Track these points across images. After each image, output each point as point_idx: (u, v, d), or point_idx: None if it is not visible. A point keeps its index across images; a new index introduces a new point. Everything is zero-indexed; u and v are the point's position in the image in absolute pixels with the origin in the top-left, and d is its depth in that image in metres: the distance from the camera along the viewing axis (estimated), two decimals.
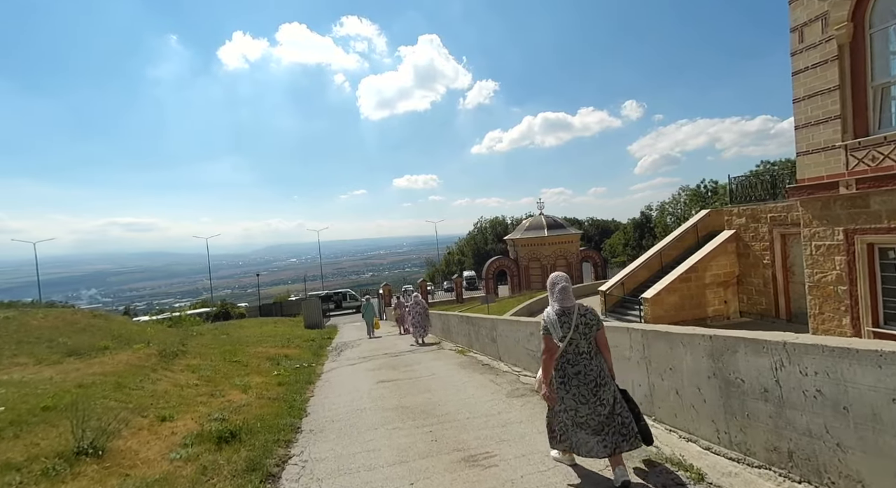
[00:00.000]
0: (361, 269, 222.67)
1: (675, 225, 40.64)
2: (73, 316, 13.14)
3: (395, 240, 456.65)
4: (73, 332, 11.85)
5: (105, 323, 13.80)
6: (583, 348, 2.93)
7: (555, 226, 32.66)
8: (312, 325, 23.24)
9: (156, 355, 8.31)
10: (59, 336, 11.10)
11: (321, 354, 11.90)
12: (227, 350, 11.22)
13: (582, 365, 2.90)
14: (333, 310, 36.09)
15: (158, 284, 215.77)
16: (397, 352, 10.92)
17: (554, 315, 2.95)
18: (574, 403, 2.90)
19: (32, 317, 11.76)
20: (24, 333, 10.47)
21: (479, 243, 66.78)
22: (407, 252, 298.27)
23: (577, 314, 2.94)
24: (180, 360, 8.57)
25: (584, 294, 20.65)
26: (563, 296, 2.98)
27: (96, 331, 12.64)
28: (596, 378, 2.90)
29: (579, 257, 33.19)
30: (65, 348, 9.92)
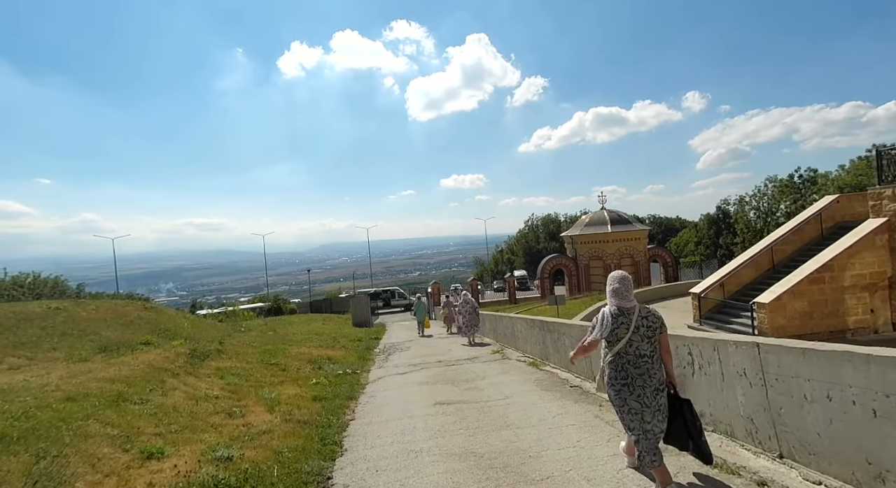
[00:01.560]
0: (409, 268, 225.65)
1: (759, 220, 35.70)
2: (124, 308, 12.94)
3: (442, 239, 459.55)
4: (119, 325, 11.49)
5: (155, 316, 13.52)
6: (644, 350, 2.82)
7: (619, 221, 29.61)
8: (360, 324, 22.39)
9: (185, 355, 7.36)
10: (104, 329, 10.71)
11: (367, 357, 10.63)
12: (268, 349, 10.26)
13: (645, 367, 2.81)
14: (382, 308, 35.49)
15: (225, 280, 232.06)
16: (453, 359, 9.36)
17: (610, 314, 2.87)
18: (639, 406, 2.79)
19: (83, 309, 11.56)
20: (70, 325, 10.13)
21: (531, 241, 63.94)
22: (453, 251, 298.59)
23: (639, 315, 2.85)
24: (211, 362, 7.58)
25: (654, 298, 17.88)
26: (622, 295, 2.89)
27: (143, 324, 12.28)
28: (658, 383, 2.81)
29: (647, 256, 29.88)
30: (102, 343, 9.37)
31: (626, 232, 29.02)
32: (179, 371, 6.32)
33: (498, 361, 8.53)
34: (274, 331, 15.78)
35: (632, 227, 29.44)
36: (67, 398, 4.18)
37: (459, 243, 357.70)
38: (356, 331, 19.12)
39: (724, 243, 37.64)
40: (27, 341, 8.46)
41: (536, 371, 7.10)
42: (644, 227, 30.37)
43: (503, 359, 8.66)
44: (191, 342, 9.44)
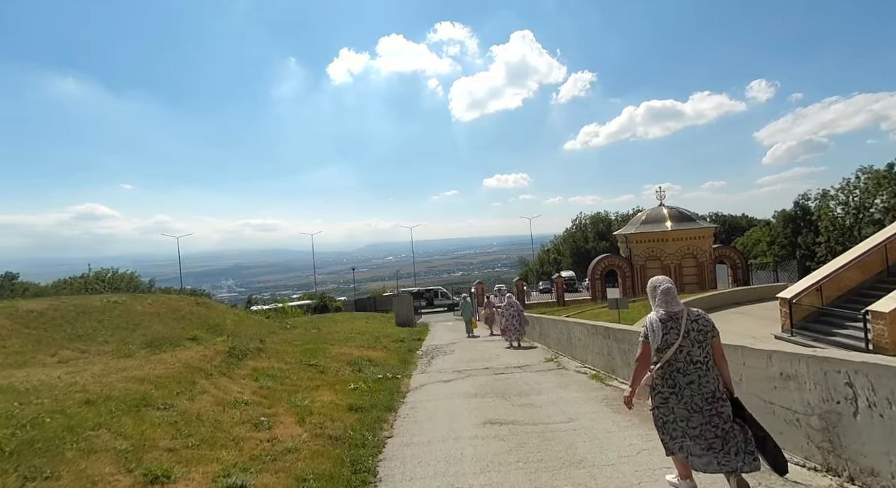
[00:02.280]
0: (452, 268, 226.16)
1: (849, 217, 31.40)
2: (177, 303, 13.31)
3: (485, 239, 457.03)
4: (171, 320, 11.74)
5: (205, 311, 13.82)
6: (696, 356, 2.64)
7: (681, 218, 27.14)
8: (403, 323, 22.06)
9: (224, 354, 7.11)
10: (156, 323, 10.94)
11: (409, 360, 10.05)
12: (309, 349, 9.96)
13: (696, 374, 2.63)
14: (425, 307, 35.18)
15: (279, 277, 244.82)
16: (501, 366, 8.53)
17: (658, 320, 2.70)
18: (686, 413, 2.61)
19: (140, 303, 11.95)
20: (125, 319, 10.41)
21: (579, 241, 61.20)
22: (496, 251, 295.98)
23: (688, 319, 2.67)
24: (249, 361, 7.28)
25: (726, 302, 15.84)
26: (667, 299, 2.75)
27: (194, 319, 12.51)
28: (714, 390, 2.61)
29: (712, 257, 27.18)
30: (151, 337, 9.47)
31: (688, 230, 26.55)
32: (214, 371, 6.01)
33: (553, 371, 7.59)
34: (318, 329, 15.72)
35: (695, 225, 26.90)
36: (87, 401, 3.85)
37: (503, 243, 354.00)
38: (399, 330, 18.75)
39: (805, 243, 33.56)
40: (83, 334, 8.68)
41: (602, 386, 6.11)
42: (709, 225, 27.72)
43: (559, 370, 7.70)
44: (233, 339, 9.33)
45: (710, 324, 2.71)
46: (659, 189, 28.85)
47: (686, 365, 2.63)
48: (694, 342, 2.64)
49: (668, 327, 2.66)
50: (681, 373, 2.63)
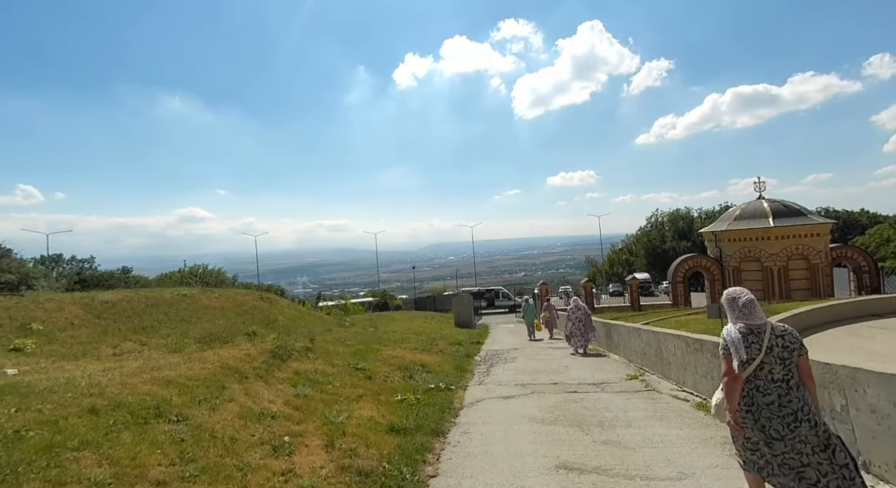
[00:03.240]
0: (514, 268, 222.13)
1: None
2: (243, 298, 13.64)
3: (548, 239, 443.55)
4: (235, 314, 11.93)
5: (268, 306, 14.03)
6: (778, 375, 2.45)
7: (787, 212, 23.08)
8: (462, 324, 21.18)
9: (268, 353, 6.67)
10: (220, 317, 11.11)
11: (466, 368, 9.07)
12: (360, 350, 9.41)
13: (776, 394, 2.42)
14: (485, 308, 34.08)
15: (348, 275, 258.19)
16: (572, 381, 7.22)
17: (737, 333, 2.52)
18: (764, 437, 2.41)
19: (207, 297, 12.32)
20: (191, 312, 10.68)
21: (655, 240, 56.04)
22: (561, 252, 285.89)
23: (772, 334, 2.49)
24: (294, 362, 6.78)
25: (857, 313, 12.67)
26: (749, 311, 2.56)
27: (256, 314, 12.67)
28: (796, 411, 2.38)
29: (829, 258, 22.79)
30: (211, 331, 9.50)
31: (797, 226, 22.50)
32: (251, 373, 5.52)
33: (641, 394, 6.16)
34: (375, 328, 15.37)
35: (806, 220, 22.73)
36: (91, 409, 3.38)
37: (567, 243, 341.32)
38: (457, 332, 17.88)
39: None
40: (148, 326, 8.89)
41: (714, 421, 4.63)
42: (824, 221, 23.28)
43: (648, 392, 6.24)
44: (284, 336, 9.05)
45: (798, 341, 2.53)
46: (757, 179, 24.89)
47: (767, 383, 2.47)
48: (777, 359, 2.47)
49: (749, 341, 2.49)
50: (760, 392, 2.47)
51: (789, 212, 23.18)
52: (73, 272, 41.32)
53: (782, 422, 2.39)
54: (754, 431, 2.45)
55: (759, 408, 2.45)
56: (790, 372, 2.46)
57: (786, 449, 2.38)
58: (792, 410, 2.39)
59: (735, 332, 2.53)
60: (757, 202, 24.39)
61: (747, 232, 23.45)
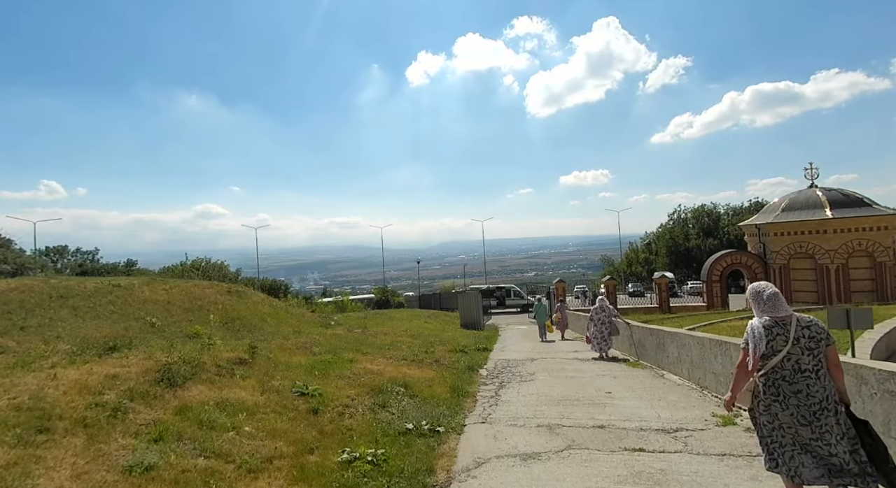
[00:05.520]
0: (525, 268, 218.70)
1: None
2: (202, 291, 11.35)
3: (560, 239, 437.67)
4: (182, 311, 9.60)
5: (234, 301, 11.71)
6: (805, 365, 2.51)
7: (847, 202, 19.95)
8: (469, 325, 18.67)
9: (155, 372, 4.27)
10: (156, 314, 8.74)
11: (467, 390, 6.55)
12: (325, 361, 6.99)
13: (803, 383, 2.49)
14: (496, 307, 31.49)
15: (359, 272, 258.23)
16: (629, 421, 4.66)
17: (761, 327, 2.57)
18: (793, 422, 2.46)
19: (151, 289, 10.04)
20: (113, 308, 8.35)
21: (678, 238, 52.59)
22: (573, 252, 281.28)
23: (798, 326, 2.54)
24: (194, 388, 4.37)
25: None
26: (775, 304, 2.61)
27: (214, 310, 10.30)
28: (821, 400, 2.45)
29: (895, 256, 19.63)
30: (118, 333, 7.15)
31: (861, 218, 19.38)
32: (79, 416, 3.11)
33: (713, 435, 3.57)
34: (363, 329, 12.96)
35: (871, 212, 19.58)
36: None
37: (580, 243, 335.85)
38: (462, 334, 15.36)
39: None
40: (31, 325, 6.55)
41: None
42: (890, 212, 20.08)
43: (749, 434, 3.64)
44: (235, 338, 6.68)
45: (825, 332, 2.57)
46: (810, 165, 21.80)
47: (793, 373, 2.51)
48: (804, 349, 2.52)
49: (775, 333, 2.55)
50: (786, 382, 2.52)
51: (850, 202, 20.05)
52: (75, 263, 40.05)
53: (808, 410, 2.44)
54: (782, 417, 2.49)
55: (786, 397, 2.49)
56: (819, 363, 2.50)
57: (812, 435, 2.43)
58: (817, 400, 2.44)
59: (759, 327, 2.57)
60: (809, 191, 21.31)
61: (799, 224, 20.41)
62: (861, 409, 3.24)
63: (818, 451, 2.43)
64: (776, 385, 2.53)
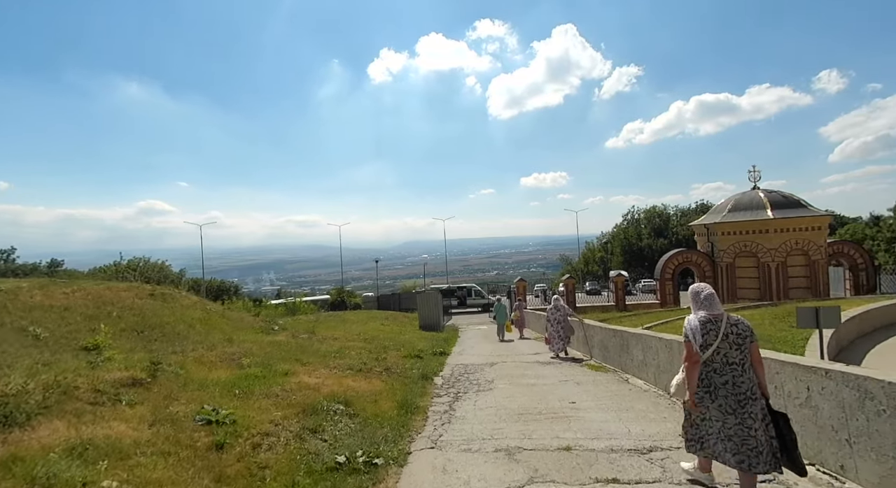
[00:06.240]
0: (487, 267, 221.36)
1: None
2: (116, 294, 9.81)
3: (521, 239, 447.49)
4: (83, 318, 8.11)
5: (158, 306, 10.22)
6: (733, 358, 2.81)
7: (786, 203, 21.08)
8: (428, 326, 17.92)
9: None
10: (45, 323, 7.34)
11: (417, 404, 5.77)
12: (251, 376, 5.98)
13: (730, 375, 2.79)
14: (456, 306, 30.97)
15: (318, 272, 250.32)
16: (598, 440, 4.10)
17: (697, 322, 2.89)
18: (720, 414, 2.80)
19: (45, 293, 8.46)
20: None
21: (631, 238, 54.64)
22: (533, 251, 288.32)
23: (728, 323, 2.86)
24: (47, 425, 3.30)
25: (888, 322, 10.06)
26: (709, 303, 2.93)
27: (127, 317, 8.85)
28: (746, 391, 2.76)
29: (827, 254, 21.00)
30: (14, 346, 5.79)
31: (798, 219, 20.52)
32: None
33: None
34: (311, 334, 11.85)
35: (807, 213, 20.78)
36: None
37: (540, 243, 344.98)
38: (420, 337, 14.60)
39: None
40: None
41: None
42: (825, 213, 21.46)
43: None
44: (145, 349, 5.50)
45: (750, 330, 2.85)
46: (753, 168, 22.87)
47: (723, 366, 2.78)
48: (732, 345, 2.79)
49: (708, 328, 2.81)
50: (717, 374, 2.79)
51: (788, 204, 21.21)
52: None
53: (735, 400, 2.73)
54: (711, 409, 2.79)
55: (716, 388, 2.78)
56: (745, 357, 2.79)
57: (736, 422, 2.72)
58: (743, 390, 2.73)
59: (695, 321, 2.86)
60: (752, 192, 22.36)
61: (743, 224, 21.34)
62: (865, 428, 2.79)
63: (740, 436, 2.70)
64: (708, 377, 2.81)
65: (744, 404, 2.70)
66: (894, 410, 2.56)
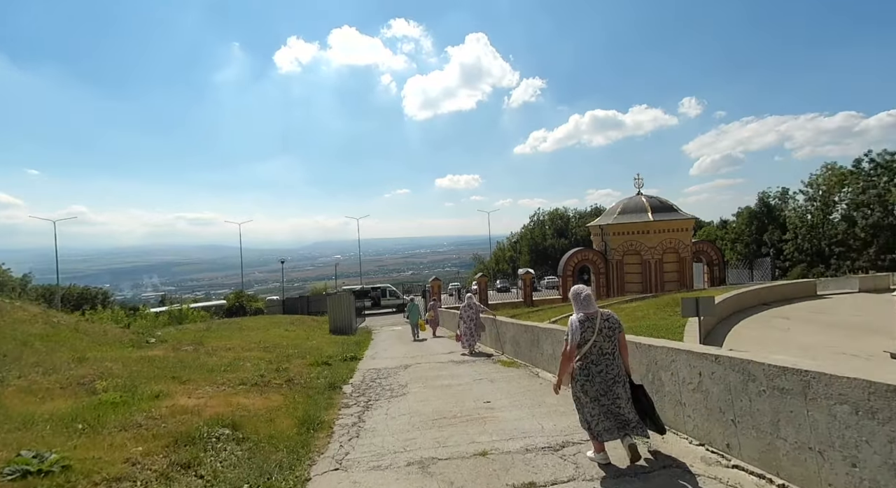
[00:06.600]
0: (402, 267, 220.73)
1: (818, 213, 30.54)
2: None
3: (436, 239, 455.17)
4: None
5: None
6: (606, 349, 3.28)
7: (662, 207, 24.30)
8: (339, 330, 16.93)
9: None
10: None
11: (321, 418, 5.16)
12: (113, 402, 4.83)
13: (604, 364, 3.27)
14: (371, 308, 30.06)
15: (215, 275, 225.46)
16: (513, 440, 3.99)
17: (577, 321, 3.30)
18: (598, 394, 3.25)
19: None
20: None
21: (537, 238, 58.64)
22: (448, 251, 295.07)
23: (601, 318, 3.30)
24: None
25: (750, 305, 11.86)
26: (587, 304, 3.34)
27: None
28: (616, 375, 3.27)
29: (691, 252, 24.68)
30: None
31: (670, 221, 23.76)
32: None
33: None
34: (198, 345, 10.30)
35: (677, 216, 24.18)
36: None
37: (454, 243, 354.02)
38: (330, 342, 13.67)
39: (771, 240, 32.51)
40: None
41: None
42: (690, 216, 25.18)
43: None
44: None
45: (618, 323, 3.36)
46: (637, 176, 25.95)
47: (598, 356, 3.27)
48: (605, 338, 3.27)
49: (586, 326, 3.27)
50: (594, 364, 3.27)
51: (664, 207, 24.46)
52: None
53: (607, 383, 3.24)
54: (592, 392, 3.26)
55: (594, 375, 3.25)
56: (615, 346, 3.30)
57: (608, 402, 3.23)
58: (613, 375, 3.25)
59: (576, 322, 3.30)
60: (637, 197, 25.34)
61: (630, 226, 24.06)
62: (748, 408, 3.01)
63: (613, 413, 3.21)
64: (587, 367, 3.26)
65: (613, 386, 3.22)
66: (773, 390, 2.78)
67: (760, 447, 2.91)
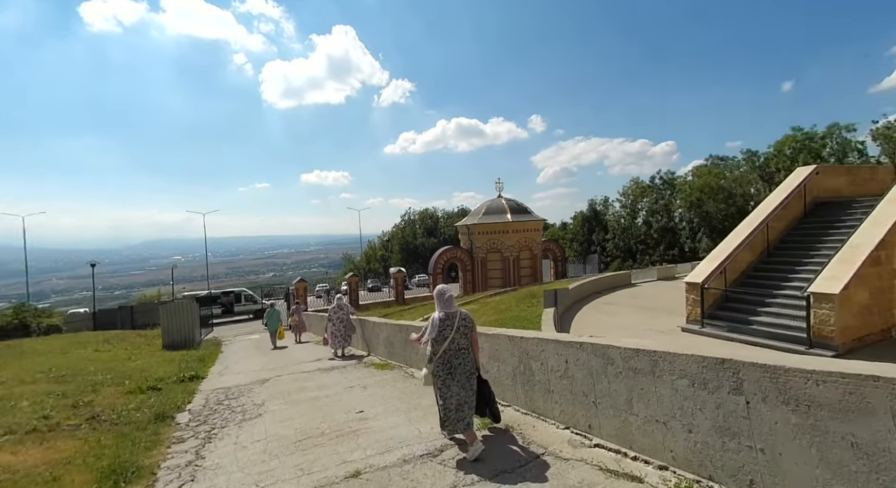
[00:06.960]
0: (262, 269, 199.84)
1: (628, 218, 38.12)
2: None
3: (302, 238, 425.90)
4: None
5: None
6: (462, 345, 3.61)
7: (518, 209, 27.00)
8: (176, 344, 14.10)
9: None
10: None
11: (138, 465, 3.96)
12: None
13: (461, 358, 3.59)
14: (222, 315, 26.09)
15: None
16: (392, 451, 3.63)
17: (438, 319, 3.62)
18: (458, 389, 3.55)
19: None
20: None
21: (408, 237, 59.51)
22: (315, 251, 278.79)
23: (459, 318, 3.63)
24: None
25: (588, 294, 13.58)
26: (449, 304, 3.69)
27: None
28: (469, 369, 3.62)
29: (541, 250, 28.12)
30: None
31: (526, 222, 26.57)
32: None
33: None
34: None
35: (531, 217, 27.18)
36: None
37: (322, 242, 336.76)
38: (163, 360, 11.19)
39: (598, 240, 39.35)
40: None
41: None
42: (541, 218, 28.58)
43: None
44: None
45: (472, 321, 3.72)
46: (498, 180, 28.31)
47: (456, 352, 3.59)
48: (461, 335, 3.61)
49: (445, 324, 3.59)
50: (454, 358, 3.58)
51: (520, 209, 27.25)
52: None
53: (464, 376, 3.59)
54: (453, 386, 3.54)
55: (454, 368, 3.56)
56: (468, 343, 3.65)
57: (461, 392, 3.55)
58: (468, 369, 3.61)
59: (437, 319, 3.63)
60: (498, 200, 27.65)
61: (492, 225, 26.11)
62: (607, 389, 3.26)
63: (467, 403, 3.54)
64: (448, 361, 3.53)
65: (468, 379, 3.57)
66: (628, 371, 3.05)
67: (617, 424, 3.17)
